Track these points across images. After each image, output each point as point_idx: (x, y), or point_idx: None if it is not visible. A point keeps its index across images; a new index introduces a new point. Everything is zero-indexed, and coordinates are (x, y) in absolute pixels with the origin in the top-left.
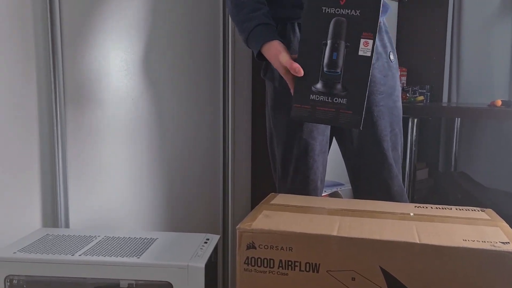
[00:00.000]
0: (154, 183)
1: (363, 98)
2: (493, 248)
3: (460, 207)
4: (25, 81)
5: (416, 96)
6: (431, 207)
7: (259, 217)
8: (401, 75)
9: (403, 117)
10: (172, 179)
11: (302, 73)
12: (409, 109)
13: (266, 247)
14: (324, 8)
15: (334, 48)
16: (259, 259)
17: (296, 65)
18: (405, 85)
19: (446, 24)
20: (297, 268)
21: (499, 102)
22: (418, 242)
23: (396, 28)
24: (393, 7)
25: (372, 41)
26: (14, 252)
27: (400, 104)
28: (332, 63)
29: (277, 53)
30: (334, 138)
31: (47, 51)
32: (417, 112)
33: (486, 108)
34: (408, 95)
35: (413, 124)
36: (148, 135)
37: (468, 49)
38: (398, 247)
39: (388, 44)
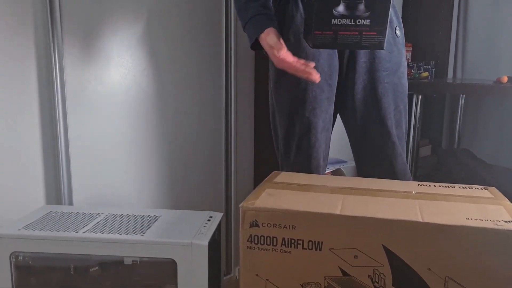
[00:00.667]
0: (157, 160)
1: (386, 17)
2: (496, 226)
3: (464, 185)
4: (24, 56)
5: (421, 72)
6: (434, 185)
7: (262, 195)
8: (406, 51)
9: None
10: (175, 156)
11: (282, 52)
12: (413, 85)
13: (269, 225)
14: None
15: None
16: (262, 237)
17: (280, 45)
18: (410, 60)
19: (453, 0)
20: (300, 246)
21: (505, 79)
22: (421, 220)
23: (402, 2)
24: None
25: None
26: (19, 229)
27: (405, 80)
28: None
29: (272, 38)
30: (338, 115)
31: (46, 24)
32: (421, 88)
33: (491, 85)
34: (412, 71)
35: (417, 101)
36: (151, 112)
37: (475, 24)
38: (401, 226)
39: (394, 19)
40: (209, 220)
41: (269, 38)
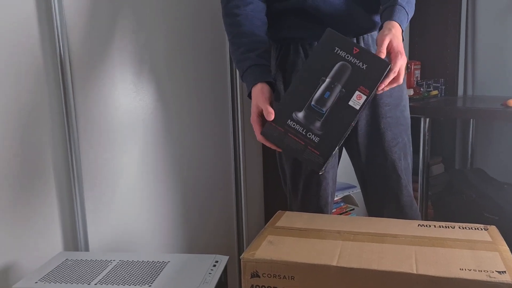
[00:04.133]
0: (168, 201)
1: (334, 145)
2: (488, 279)
3: (464, 225)
4: (38, 107)
5: (430, 91)
6: (434, 226)
7: (263, 244)
8: (415, 69)
9: (415, 117)
10: (186, 196)
11: (271, 118)
12: (421, 109)
13: (269, 275)
14: (337, 49)
15: (329, 88)
16: (263, 287)
17: (271, 110)
18: (419, 78)
19: (460, 16)
20: None
21: (511, 102)
22: (415, 272)
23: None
24: None
25: (366, 97)
26: (36, 282)
27: (407, 113)
28: (322, 100)
29: (258, 94)
30: (344, 148)
31: (57, 81)
32: (429, 112)
33: (498, 110)
34: (422, 89)
35: (425, 124)
36: (160, 155)
37: (483, 41)
38: (395, 277)
39: None
40: (214, 265)
41: (260, 100)
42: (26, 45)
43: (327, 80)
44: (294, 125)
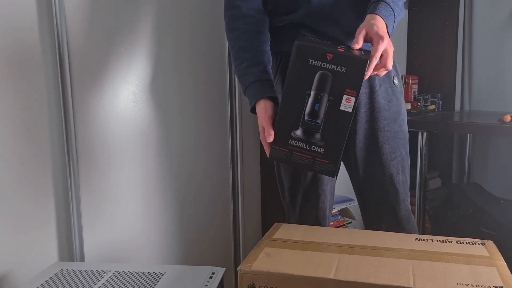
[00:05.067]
0: (165, 211)
1: (340, 150)
2: None
3: (461, 240)
4: (37, 120)
5: (428, 105)
6: (432, 240)
7: (260, 255)
8: (412, 84)
9: (413, 131)
10: (183, 207)
11: (270, 140)
12: (418, 123)
13: None
14: (310, 60)
15: (317, 100)
16: None
17: (270, 132)
18: (416, 93)
19: (457, 31)
20: None
21: (508, 118)
22: (413, 286)
23: (406, 36)
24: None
25: (354, 98)
26: None
27: (405, 127)
28: (314, 113)
29: (262, 112)
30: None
31: (57, 90)
32: (426, 126)
33: (495, 125)
34: (419, 104)
35: (422, 138)
36: (158, 166)
37: (480, 56)
38: None
39: (392, 68)
40: (211, 277)
41: (263, 118)
42: (25, 48)
43: (312, 92)
44: (296, 143)
